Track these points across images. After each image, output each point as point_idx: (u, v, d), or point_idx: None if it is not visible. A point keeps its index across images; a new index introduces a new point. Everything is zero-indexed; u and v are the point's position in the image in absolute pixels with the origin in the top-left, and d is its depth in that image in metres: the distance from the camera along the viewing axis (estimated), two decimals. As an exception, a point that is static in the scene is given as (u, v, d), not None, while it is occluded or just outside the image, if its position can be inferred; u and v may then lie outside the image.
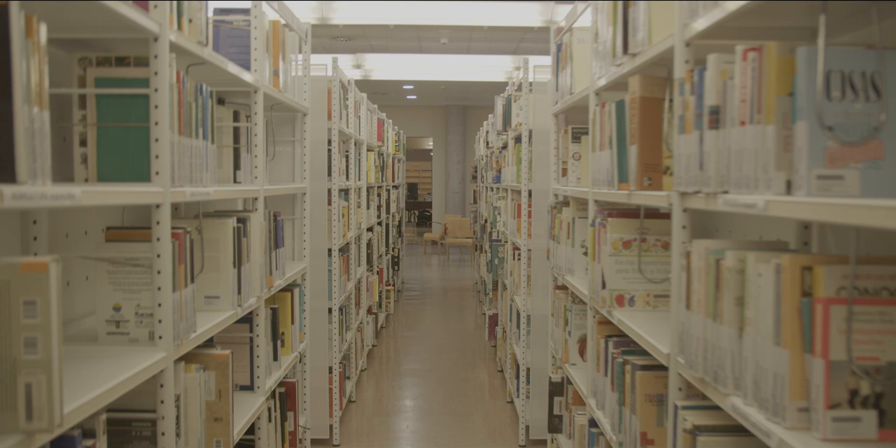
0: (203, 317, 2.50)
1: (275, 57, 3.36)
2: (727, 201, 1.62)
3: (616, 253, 2.69)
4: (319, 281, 4.85)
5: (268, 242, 3.16)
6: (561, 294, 3.82)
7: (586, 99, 3.19)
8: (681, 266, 1.93)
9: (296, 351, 3.83)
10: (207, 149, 2.34)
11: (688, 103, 1.88)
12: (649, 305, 2.71)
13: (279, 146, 4.19)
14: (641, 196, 2.28)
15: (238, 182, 3.04)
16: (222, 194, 2.47)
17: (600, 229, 2.84)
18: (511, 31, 10.71)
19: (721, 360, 1.66)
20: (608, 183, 2.69)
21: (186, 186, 2.14)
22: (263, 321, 3.10)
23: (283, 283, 3.45)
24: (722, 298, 1.65)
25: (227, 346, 3.05)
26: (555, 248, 3.86)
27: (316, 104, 4.75)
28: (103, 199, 1.71)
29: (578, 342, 3.56)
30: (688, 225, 1.97)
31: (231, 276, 2.63)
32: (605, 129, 2.74)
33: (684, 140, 1.90)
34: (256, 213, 2.97)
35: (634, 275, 2.69)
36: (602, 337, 2.86)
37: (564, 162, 3.90)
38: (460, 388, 6.80)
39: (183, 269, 2.08)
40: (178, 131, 2.07)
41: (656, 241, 2.70)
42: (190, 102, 2.18)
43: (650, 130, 2.35)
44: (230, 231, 2.61)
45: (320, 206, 4.87)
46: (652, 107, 2.36)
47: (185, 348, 2.14)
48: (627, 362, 2.48)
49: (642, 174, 2.34)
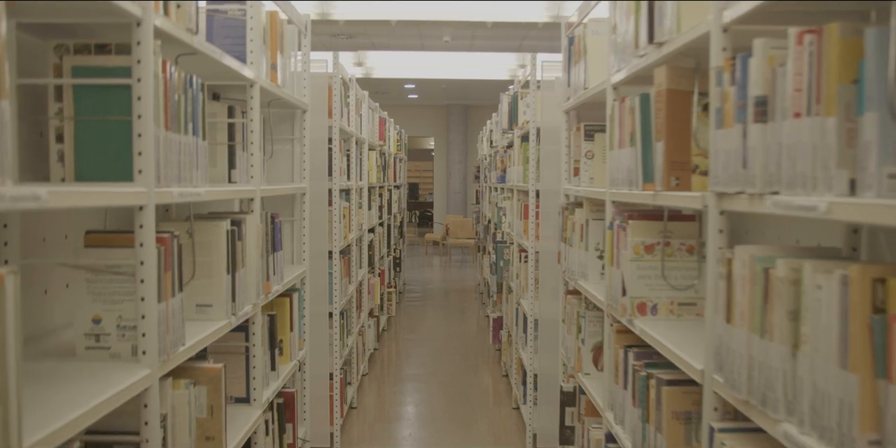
0: (194, 327, 2.32)
1: (272, 50, 3.18)
2: (778, 203, 1.44)
3: (637, 258, 2.50)
4: (320, 285, 4.67)
5: (265, 246, 2.98)
6: (573, 299, 3.63)
7: (602, 94, 3.01)
8: (718, 274, 1.75)
9: (295, 359, 3.65)
10: (198, 145, 2.16)
11: (727, 94, 1.70)
12: (673, 314, 2.53)
13: (278, 145, 4.00)
14: (669, 197, 2.10)
15: (233, 182, 2.86)
16: (215, 195, 2.29)
17: (619, 232, 2.66)
18: (515, 29, 10.52)
19: (771, 381, 1.47)
20: (629, 183, 2.51)
21: (174, 186, 1.95)
22: (260, 329, 2.92)
23: (281, 288, 3.27)
24: (772, 312, 1.47)
25: (221, 357, 2.87)
26: (567, 251, 3.68)
27: (316, 101, 4.57)
28: (76, 201, 1.53)
29: (593, 351, 3.38)
30: (725, 229, 1.79)
31: (224, 283, 2.44)
32: (626, 126, 2.55)
33: (722, 135, 1.71)
34: (252, 214, 2.79)
35: (657, 281, 2.50)
36: (621, 347, 2.68)
37: (576, 161, 3.72)
38: (464, 394, 6.62)
39: (170, 276, 1.90)
40: (164, 126, 1.89)
41: (680, 245, 2.51)
42: (178, 95, 2.00)
43: (678, 126, 2.17)
44: (223, 234, 2.43)
45: (320, 207, 4.68)
46: (679, 100, 2.18)
47: (173, 363, 1.96)
48: (652, 376, 2.30)
49: (669, 173, 2.15)
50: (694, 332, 2.35)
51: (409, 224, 22.66)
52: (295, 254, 3.99)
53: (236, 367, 2.91)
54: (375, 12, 8.57)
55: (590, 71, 3.30)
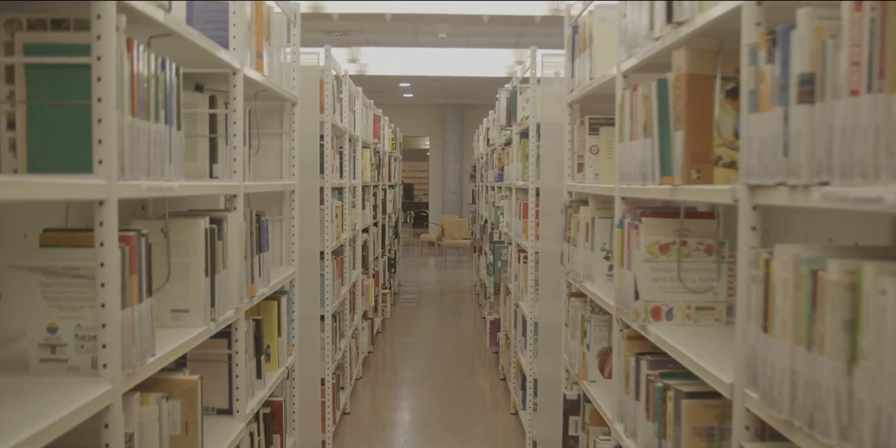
0: (169, 334, 2.11)
1: (258, 37, 2.98)
2: (829, 195, 1.25)
3: (652, 258, 2.31)
4: (311, 287, 4.46)
5: (249, 246, 2.78)
6: (577, 302, 3.44)
7: (611, 83, 2.81)
8: (751, 277, 1.55)
9: (283, 365, 3.44)
10: (171, 135, 1.96)
11: (762, 74, 1.51)
12: (690, 319, 2.33)
13: (266, 139, 3.80)
14: (691, 191, 1.90)
15: (215, 177, 2.66)
16: (191, 190, 2.09)
17: (631, 231, 2.47)
18: (511, 25, 10.33)
19: (820, 401, 1.28)
20: (642, 177, 2.32)
21: (142, 179, 1.75)
22: (244, 336, 2.72)
23: (267, 291, 3.07)
24: (822, 321, 1.27)
25: (202, 366, 2.68)
26: (570, 251, 3.49)
27: (307, 95, 4.36)
28: (25, 194, 1.33)
29: (599, 357, 3.18)
30: (758, 226, 1.60)
31: (203, 286, 2.24)
32: (639, 115, 2.36)
33: (757, 120, 1.52)
34: (235, 212, 2.59)
35: (673, 284, 2.31)
36: (632, 354, 2.49)
37: (580, 156, 3.53)
38: (461, 398, 6.42)
39: (136, 280, 1.70)
40: (129, 112, 1.69)
41: (698, 245, 2.32)
42: (147, 78, 1.80)
43: (699, 113, 1.97)
44: (201, 233, 2.23)
45: (312, 206, 4.47)
46: (701, 85, 1.98)
47: (141, 376, 1.76)
48: (669, 388, 2.11)
49: (690, 165, 1.96)
50: (714, 339, 2.16)
51: (405, 224, 22.45)
52: (284, 254, 3.79)
53: (218, 376, 2.71)
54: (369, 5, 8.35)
55: (596, 60, 3.11)
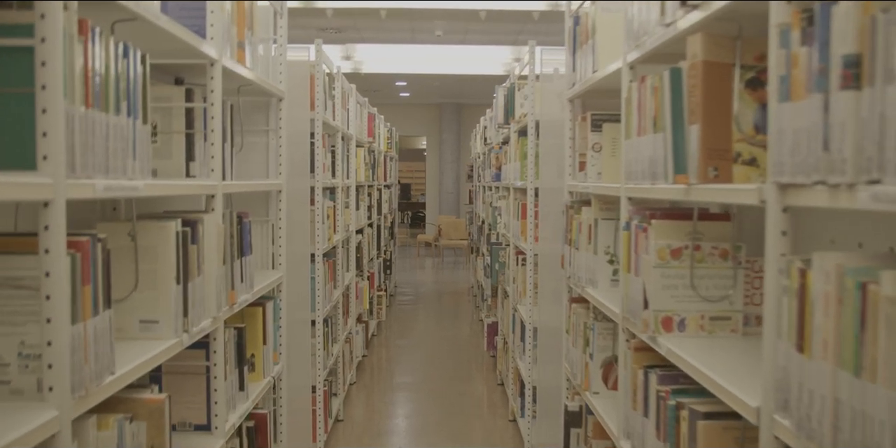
0: (136, 348, 1.93)
1: (239, 26, 2.79)
2: (882, 196, 1.06)
3: (663, 264, 2.13)
4: (300, 291, 4.28)
5: (229, 250, 2.59)
6: (579, 308, 3.26)
7: (616, 76, 2.63)
8: (782, 288, 1.37)
9: (269, 375, 3.26)
10: (135, 129, 1.78)
11: (796, 58, 1.32)
12: (703, 330, 2.15)
13: (254, 137, 3.61)
14: (709, 191, 1.72)
15: (192, 176, 2.48)
16: (159, 189, 1.90)
17: (639, 234, 2.29)
18: (509, 22, 10.16)
19: (872, 437, 1.10)
20: (651, 175, 2.13)
21: (98, 177, 1.57)
22: (223, 346, 2.53)
23: (250, 297, 2.89)
24: (874, 343, 1.09)
25: (177, 379, 2.49)
26: (572, 254, 3.30)
27: (296, 91, 4.17)
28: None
29: (602, 367, 3.00)
30: (789, 230, 1.41)
31: (173, 295, 2.05)
32: (647, 109, 2.18)
33: (790, 110, 1.34)
34: (213, 214, 2.40)
35: (685, 292, 2.13)
36: (640, 367, 2.31)
37: (582, 154, 3.35)
38: (457, 404, 6.24)
39: (90, 290, 1.52)
40: (83, 102, 1.51)
41: (713, 249, 2.14)
42: (106, 65, 1.61)
43: (716, 105, 1.79)
44: (172, 237, 2.04)
45: (301, 207, 4.29)
46: (718, 74, 1.80)
47: (96, 398, 1.57)
48: (683, 407, 1.92)
49: (706, 162, 1.78)
50: (731, 353, 1.98)
51: (402, 225, 22.26)
52: (270, 258, 3.60)
53: (195, 389, 2.52)
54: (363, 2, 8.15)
55: (599, 52, 2.92)
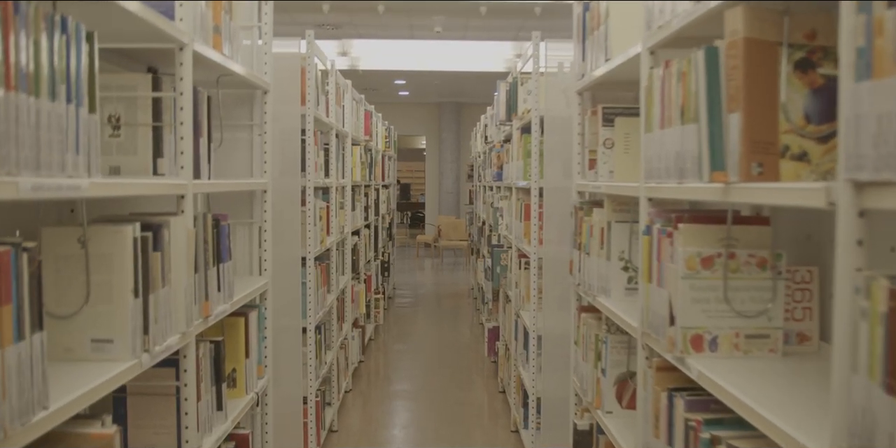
0: (86, 371, 1.67)
1: (215, 9, 2.52)
2: None
3: (692, 274, 1.86)
4: (290, 297, 4.01)
5: (203, 256, 2.33)
6: (590, 319, 2.99)
7: (633, 63, 2.37)
8: (859, 311, 1.11)
9: (252, 391, 2.99)
10: (79, 119, 1.51)
11: (880, 24, 1.06)
12: (738, 350, 1.88)
13: (239, 133, 3.34)
14: (754, 191, 1.45)
15: (160, 174, 2.21)
16: (110, 189, 1.64)
17: (662, 239, 2.02)
18: (510, 18, 9.90)
19: None
20: (678, 173, 1.87)
21: (25, 175, 1.31)
22: (194, 365, 2.26)
23: (229, 307, 2.62)
24: None
25: (142, 401, 2.23)
26: (582, 260, 3.04)
27: (286, 85, 3.91)
28: None
29: (616, 383, 2.74)
30: (866, 239, 1.15)
31: (131, 310, 1.79)
32: (673, 98, 1.91)
33: (872, 91, 1.08)
34: (181, 216, 2.14)
35: (718, 306, 1.86)
36: (663, 389, 2.04)
37: (592, 151, 3.08)
38: (457, 413, 5.97)
39: (11, 311, 1.25)
40: (2, 83, 1.24)
41: (749, 258, 1.87)
42: (34, 39, 1.35)
43: (760, 91, 1.53)
44: (128, 243, 1.78)
45: (291, 208, 4.02)
46: (762, 54, 1.54)
47: (24, 438, 1.31)
48: (720, 441, 1.66)
49: (749, 157, 1.51)
50: (772, 378, 1.71)
51: (401, 225, 22.01)
52: (255, 263, 3.34)
53: (164, 412, 2.26)
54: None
55: (613, 38, 2.66)
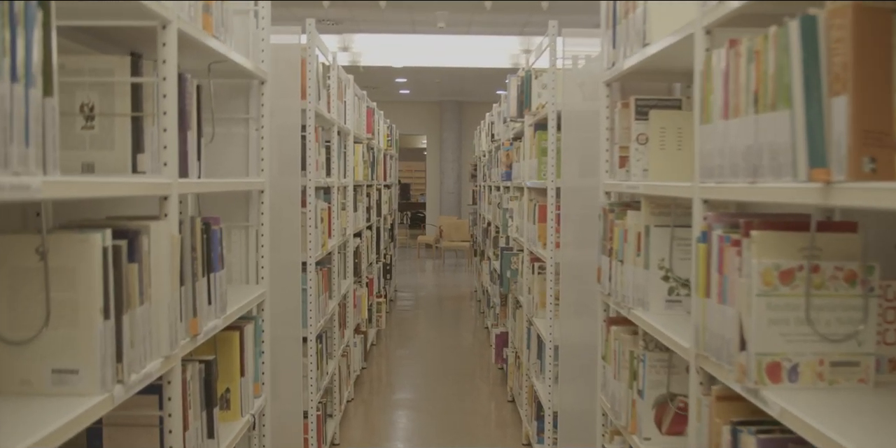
0: (44, 409, 1.38)
1: (206, -14, 2.23)
2: None
3: (769, 291, 1.56)
4: (290, 305, 3.72)
5: (190, 266, 2.03)
6: (622, 333, 2.70)
7: (681, 46, 2.07)
8: None
9: (248, 412, 2.70)
10: (28, 102, 1.22)
11: None
12: (823, 380, 1.59)
13: (235, 128, 3.05)
14: (867, 193, 1.16)
15: (141, 171, 1.92)
16: (67, 189, 1.34)
17: (725, 249, 1.73)
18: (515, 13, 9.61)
19: None
20: (751, 171, 1.57)
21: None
22: (182, 389, 1.97)
23: (221, 323, 2.33)
24: None
25: (121, 433, 1.94)
26: (613, 268, 2.74)
27: (285, 77, 3.62)
28: None
29: (655, 406, 2.44)
30: None
31: (99, 334, 1.49)
32: (742, 82, 1.62)
33: None
34: (164, 221, 1.84)
35: (799, 328, 1.57)
36: (725, 423, 1.75)
37: (623, 148, 2.80)
38: (464, 425, 5.68)
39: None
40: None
41: (835, 271, 1.58)
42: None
43: (873, 69, 1.24)
44: (96, 254, 1.48)
45: (291, 209, 3.73)
46: (875, 24, 1.24)
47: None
48: (814, 497, 1.37)
49: (860, 151, 1.22)
50: (864, 413, 1.43)
51: (401, 226, 21.69)
52: (252, 270, 3.04)
53: (147, 446, 1.96)
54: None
55: (653, 18, 2.37)
